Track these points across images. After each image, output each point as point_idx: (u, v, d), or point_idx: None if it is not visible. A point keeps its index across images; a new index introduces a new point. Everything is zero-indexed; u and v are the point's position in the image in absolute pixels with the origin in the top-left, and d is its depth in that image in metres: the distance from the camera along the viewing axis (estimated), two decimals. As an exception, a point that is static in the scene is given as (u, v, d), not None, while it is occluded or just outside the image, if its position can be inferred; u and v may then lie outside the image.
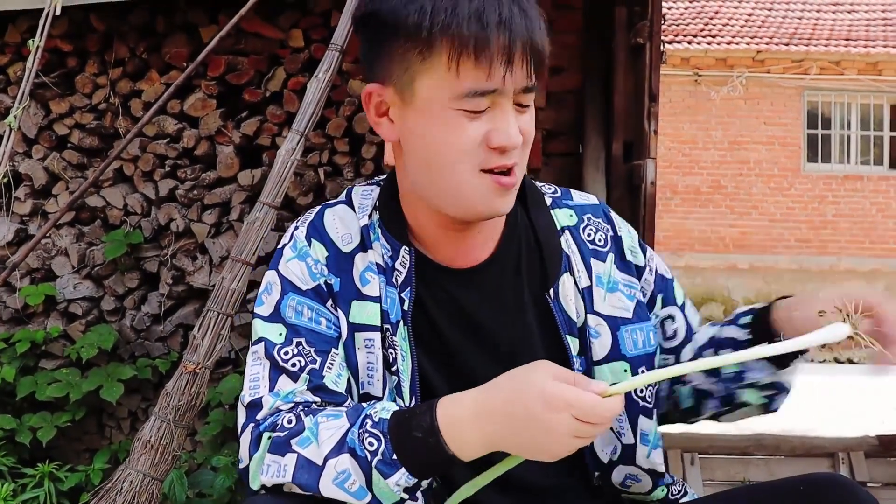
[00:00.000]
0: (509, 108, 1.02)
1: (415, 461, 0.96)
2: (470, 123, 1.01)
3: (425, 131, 1.04)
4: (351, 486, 0.97)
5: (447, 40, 0.98)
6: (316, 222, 1.16)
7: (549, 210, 1.21)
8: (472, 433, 0.96)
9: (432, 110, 1.02)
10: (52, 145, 3.12)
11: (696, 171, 10.92)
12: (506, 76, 0.99)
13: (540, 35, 1.02)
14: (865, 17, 11.13)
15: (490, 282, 1.15)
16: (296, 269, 1.13)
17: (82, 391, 2.77)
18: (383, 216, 1.15)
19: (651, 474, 1.20)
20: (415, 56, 1.01)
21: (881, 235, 10.77)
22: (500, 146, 1.02)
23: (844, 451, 3.51)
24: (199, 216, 3.01)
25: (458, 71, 0.99)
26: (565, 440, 0.92)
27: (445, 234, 1.13)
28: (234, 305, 2.15)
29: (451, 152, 1.03)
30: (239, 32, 2.93)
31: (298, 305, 1.11)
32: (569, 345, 1.15)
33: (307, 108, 2.20)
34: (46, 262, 3.10)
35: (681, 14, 11.24)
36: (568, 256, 1.18)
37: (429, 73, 1.01)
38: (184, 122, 3.03)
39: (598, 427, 0.93)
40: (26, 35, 3.04)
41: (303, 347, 1.09)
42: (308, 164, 2.92)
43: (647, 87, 3.33)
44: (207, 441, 2.76)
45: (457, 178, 1.04)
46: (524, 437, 0.94)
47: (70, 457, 3.01)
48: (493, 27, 0.97)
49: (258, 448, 1.02)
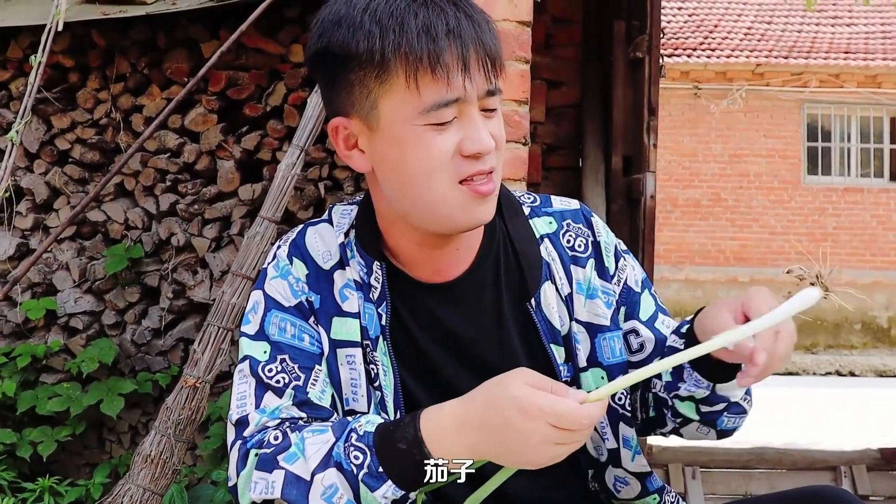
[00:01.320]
0: (476, 115, 1.02)
1: (401, 473, 0.97)
2: (439, 136, 1.01)
3: (397, 153, 1.04)
4: (339, 500, 0.98)
5: (401, 59, 0.99)
6: (297, 240, 1.17)
7: (527, 219, 1.20)
8: (455, 444, 0.96)
9: (399, 131, 1.02)
10: (54, 160, 3.14)
11: (696, 184, 10.94)
12: (465, 83, 1.00)
13: (490, 38, 1.03)
14: (864, 31, 11.17)
15: (468, 295, 1.15)
16: (279, 287, 1.14)
17: (83, 405, 2.77)
18: (359, 233, 1.15)
19: (638, 477, 1.21)
20: (373, 81, 1.01)
21: (881, 248, 10.78)
22: (473, 153, 1.02)
23: (846, 464, 3.50)
24: (199, 231, 3.01)
25: (417, 87, 0.99)
26: (544, 448, 0.92)
27: (423, 252, 1.13)
28: (235, 320, 2.16)
29: (425, 169, 1.02)
30: (239, 48, 2.94)
31: (282, 322, 1.12)
32: (553, 353, 1.15)
33: (307, 123, 2.21)
34: (47, 276, 3.11)
35: (680, 27, 11.29)
36: (548, 264, 1.17)
37: (389, 94, 1.01)
38: (185, 137, 3.04)
39: (576, 434, 0.93)
40: (28, 51, 3.06)
41: (287, 364, 1.10)
42: (308, 178, 2.93)
43: (646, 100, 3.34)
44: (208, 455, 2.76)
45: (435, 193, 1.03)
46: (504, 447, 0.94)
47: (70, 471, 3.00)
48: (442, 38, 0.98)
49: (245, 465, 1.03)
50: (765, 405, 7.33)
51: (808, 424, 5.91)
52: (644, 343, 1.21)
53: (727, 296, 10.89)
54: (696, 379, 1.11)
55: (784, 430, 5.62)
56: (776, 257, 10.81)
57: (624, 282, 1.21)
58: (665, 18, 10.82)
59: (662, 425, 1.22)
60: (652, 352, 1.21)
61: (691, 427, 1.18)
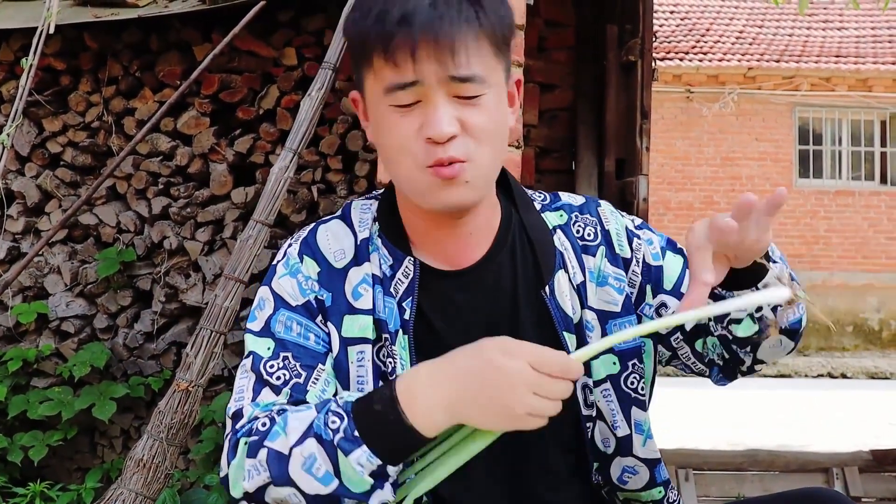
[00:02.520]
0: (439, 101, 1.04)
1: (376, 436, 0.96)
2: (402, 119, 1.06)
3: (376, 131, 1.12)
4: (318, 470, 0.98)
5: (369, 44, 1.06)
6: (309, 239, 1.18)
7: (539, 213, 1.22)
8: (430, 397, 0.96)
9: (376, 110, 1.10)
10: (45, 163, 3.12)
11: (689, 188, 10.97)
12: (415, 69, 1.03)
13: (449, 25, 1.03)
14: (855, 34, 11.22)
15: (485, 281, 1.16)
16: (287, 285, 1.15)
17: (74, 410, 2.76)
18: (383, 227, 1.17)
19: (648, 464, 1.21)
20: (360, 63, 1.10)
21: (873, 250, 10.83)
22: (428, 137, 1.04)
23: (839, 466, 3.51)
24: (192, 234, 3.00)
25: (374, 70, 1.06)
26: (523, 394, 0.92)
27: (439, 234, 1.15)
28: (228, 323, 2.15)
29: (393, 148, 1.08)
30: (232, 51, 2.94)
31: (288, 321, 1.13)
32: (565, 341, 1.15)
33: (300, 126, 2.21)
34: (39, 279, 3.09)
35: (672, 31, 11.32)
36: (562, 253, 1.19)
37: (366, 77, 1.09)
38: (177, 140, 3.04)
39: (557, 385, 0.93)
40: (20, 53, 3.05)
41: (289, 362, 1.10)
42: (301, 181, 2.93)
43: (638, 104, 3.35)
44: (200, 459, 2.75)
45: (404, 172, 1.09)
46: (482, 393, 0.94)
47: (62, 476, 2.99)
48: (393, 24, 1.02)
49: (235, 455, 1.04)
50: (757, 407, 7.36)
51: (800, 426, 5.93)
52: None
53: (719, 298, 10.99)
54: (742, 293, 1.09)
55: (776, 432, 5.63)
56: (768, 260, 10.83)
57: (643, 260, 1.21)
58: (657, 22, 10.86)
59: (740, 362, 1.19)
60: None
61: (766, 344, 1.15)
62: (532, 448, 1.17)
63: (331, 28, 2.82)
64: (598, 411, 1.19)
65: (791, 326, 1.13)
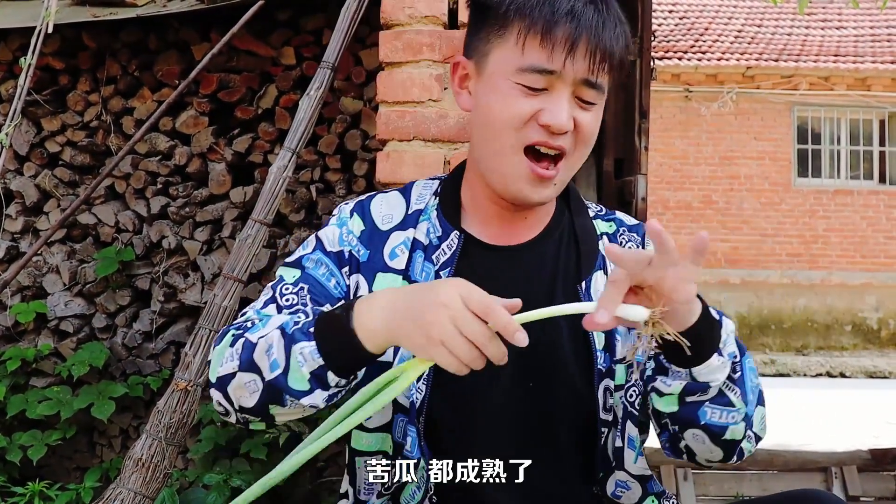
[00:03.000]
0: (565, 95, 1.10)
1: (324, 335, 1.00)
2: (524, 99, 1.10)
3: (486, 100, 1.14)
4: (270, 356, 1.02)
5: (519, 19, 1.09)
6: (364, 201, 1.27)
7: (591, 219, 1.28)
8: (377, 309, 1.00)
9: (496, 81, 1.12)
10: (44, 163, 3.12)
11: (688, 187, 10.96)
12: (566, 62, 1.08)
13: (609, 36, 1.10)
14: (854, 34, 11.22)
15: (527, 262, 1.22)
16: (330, 232, 1.24)
17: (73, 409, 2.76)
18: (442, 200, 1.25)
19: (640, 480, 1.22)
20: (493, 32, 1.13)
21: (871, 249, 10.83)
22: (546, 124, 1.09)
23: (837, 465, 3.51)
24: (190, 233, 3.00)
25: (523, 48, 1.09)
26: (443, 317, 0.92)
27: (497, 211, 1.21)
28: (226, 322, 2.15)
29: (501, 121, 1.11)
30: (231, 50, 2.94)
31: (319, 260, 1.21)
32: (593, 338, 1.18)
33: (299, 126, 2.21)
34: (37, 279, 3.09)
35: (671, 30, 11.32)
36: (603, 257, 1.24)
37: (501, 47, 1.12)
38: (176, 140, 3.04)
39: (475, 322, 0.92)
40: (18, 53, 3.05)
41: (303, 292, 1.17)
42: (300, 181, 2.93)
43: (637, 103, 3.35)
44: (199, 459, 2.75)
45: (498, 149, 1.13)
46: (412, 308, 0.96)
47: (61, 475, 2.99)
48: (562, 14, 1.07)
49: (220, 342, 1.10)
50: (756, 407, 7.35)
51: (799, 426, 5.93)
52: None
53: (719, 298, 10.91)
54: (675, 371, 1.08)
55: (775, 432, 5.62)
56: (767, 259, 10.84)
57: None
58: (656, 21, 10.86)
59: (677, 438, 1.18)
60: None
61: (688, 434, 1.14)
62: (545, 436, 1.19)
63: (329, 27, 2.81)
64: (614, 417, 1.20)
65: (713, 427, 1.11)
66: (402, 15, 2.09)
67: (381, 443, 1.20)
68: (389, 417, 1.19)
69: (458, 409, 1.17)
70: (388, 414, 1.19)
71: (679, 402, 1.10)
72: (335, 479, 2.76)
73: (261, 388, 1.03)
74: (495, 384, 1.17)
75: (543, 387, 1.18)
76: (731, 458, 1.16)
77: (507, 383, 1.17)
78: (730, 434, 1.12)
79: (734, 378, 1.09)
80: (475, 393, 1.17)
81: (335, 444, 1.03)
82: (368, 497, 1.21)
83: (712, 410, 1.10)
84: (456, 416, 1.17)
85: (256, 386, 1.03)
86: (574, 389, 1.18)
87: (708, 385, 1.07)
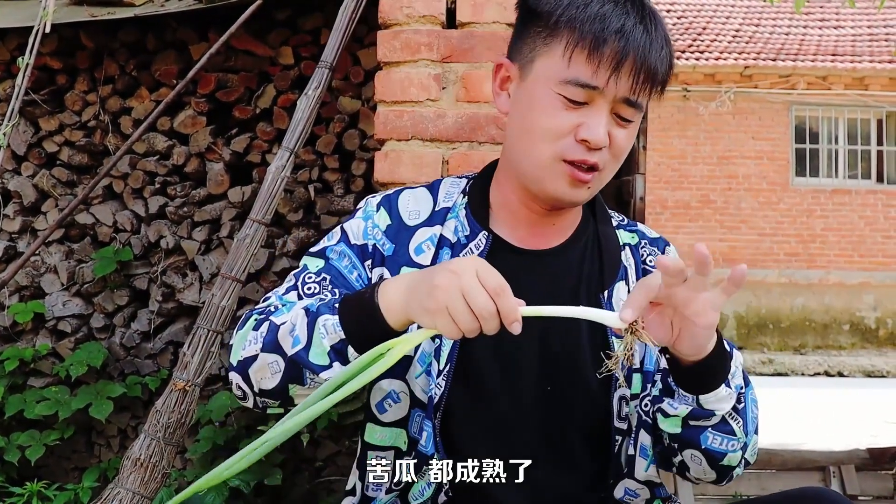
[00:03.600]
0: (605, 111, 1.11)
1: (348, 310, 1.02)
2: (564, 112, 1.11)
3: (527, 107, 1.15)
4: (293, 333, 1.04)
5: (569, 31, 1.10)
6: (392, 196, 1.28)
7: (615, 228, 1.29)
8: (401, 282, 1.02)
9: (538, 90, 1.13)
10: (42, 162, 3.12)
11: (686, 186, 10.97)
12: (610, 79, 1.08)
13: (656, 57, 1.11)
14: (851, 33, 11.23)
15: (551, 268, 1.22)
16: (355, 225, 1.24)
17: (71, 409, 2.75)
18: (471, 199, 1.24)
19: (649, 486, 1.23)
20: (540, 39, 1.13)
21: (869, 249, 10.83)
22: (584, 140, 1.10)
23: (835, 464, 3.51)
24: (189, 233, 3.00)
25: (570, 60, 1.09)
26: (453, 286, 0.93)
27: (527, 214, 1.22)
28: (224, 322, 2.15)
29: (540, 131, 1.13)
30: (229, 50, 2.94)
31: (343, 252, 1.22)
32: (613, 345, 1.19)
33: (297, 125, 2.21)
34: (35, 279, 3.09)
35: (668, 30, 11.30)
36: (626, 268, 1.25)
37: (547, 56, 1.12)
38: (174, 140, 3.03)
39: (483, 295, 0.93)
40: (16, 53, 3.04)
41: (325, 282, 1.18)
42: (298, 180, 2.92)
43: (635, 102, 3.35)
44: (197, 459, 2.75)
45: (538, 156, 1.13)
46: (426, 280, 0.97)
47: (59, 475, 2.98)
48: (612, 32, 1.08)
49: (244, 326, 1.11)
50: (754, 406, 7.34)
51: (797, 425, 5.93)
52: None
53: (716, 297, 10.99)
54: (681, 395, 1.11)
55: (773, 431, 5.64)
56: (765, 259, 10.84)
57: None
58: (654, 21, 10.84)
59: (672, 452, 1.20)
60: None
61: (687, 453, 1.17)
62: (560, 440, 1.20)
63: (327, 27, 2.81)
64: (629, 426, 1.21)
65: (713, 452, 1.14)
66: (399, 14, 2.09)
67: (395, 438, 1.21)
68: (406, 412, 1.20)
69: (476, 408, 1.18)
70: (406, 408, 1.19)
71: (682, 425, 1.13)
72: (333, 478, 2.76)
73: (283, 368, 1.04)
74: (515, 386, 1.18)
75: (561, 392, 1.19)
76: (723, 481, 1.20)
77: (527, 386, 1.18)
78: (727, 461, 1.16)
79: (738, 409, 1.13)
80: (494, 393, 1.18)
81: (333, 443, 1.04)
82: (377, 493, 1.22)
83: (714, 436, 1.14)
84: (473, 414, 1.18)
85: (279, 366, 1.05)
86: (591, 397, 1.19)
87: (713, 413, 1.10)
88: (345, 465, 2.77)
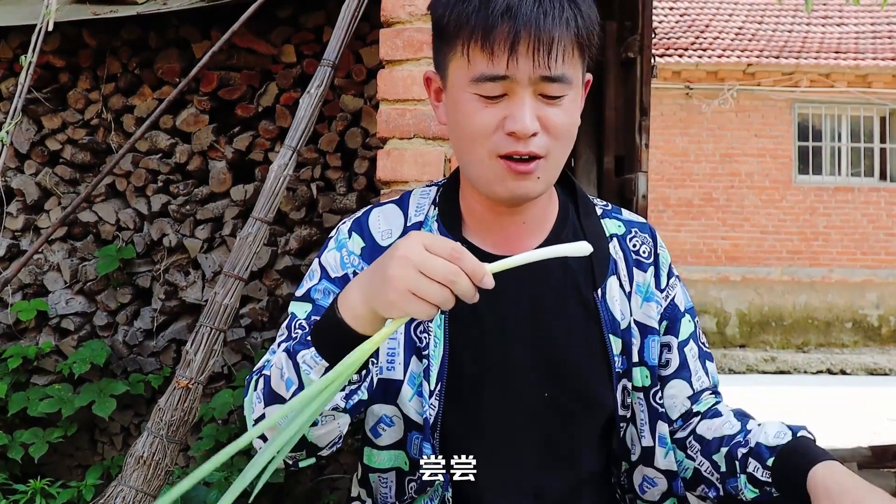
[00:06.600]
0: (524, 96, 1.05)
1: (320, 336, 0.99)
2: (485, 109, 1.07)
3: (454, 115, 1.12)
4: (284, 377, 1.02)
5: (461, 29, 1.06)
6: (361, 219, 1.25)
7: (599, 218, 1.26)
8: (355, 290, 0.98)
9: (457, 95, 1.10)
10: (45, 161, 3.12)
11: (688, 184, 10.96)
12: (509, 64, 1.03)
13: (552, 25, 1.03)
14: (854, 30, 11.21)
15: (535, 271, 1.15)
16: (331, 258, 1.21)
17: (74, 407, 2.76)
18: (441, 209, 1.22)
19: (667, 475, 1.22)
20: (446, 46, 1.10)
21: (872, 246, 10.82)
22: (511, 132, 1.06)
23: (838, 462, 3.50)
24: (191, 231, 3.01)
25: (468, 57, 1.06)
26: (408, 267, 0.89)
27: (494, 218, 1.19)
28: (227, 320, 2.15)
29: (469, 135, 1.09)
30: (231, 48, 2.94)
31: (326, 290, 1.19)
32: (610, 343, 1.18)
33: (299, 124, 2.21)
34: (38, 277, 3.09)
35: (671, 28, 11.30)
36: (615, 261, 1.22)
37: (453, 60, 1.09)
38: (176, 138, 3.04)
39: (441, 262, 0.89)
40: (18, 51, 3.05)
41: None
42: (300, 179, 2.93)
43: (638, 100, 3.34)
44: (200, 456, 2.75)
45: (475, 159, 1.10)
46: (379, 271, 0.94)
47: (62, 473, 2.99)
48: (497, 16, 1.02)
49: (247, 392, 1.10)
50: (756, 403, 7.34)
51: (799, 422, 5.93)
52: (671, 360, 1.24)
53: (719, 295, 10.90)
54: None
55: (776, 429, 5.62)
56: (768, 256, 10.83)
57: (671, 299, 1.26)
58: (657, 18, 10.85)
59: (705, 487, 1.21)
60: (674, 372, 1.24)
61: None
62: (563, 444, 1.19)
63: (329, 25, 2.81)
64: (632, 414, 1.21)
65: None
66: (402, 13, 2.09)
67: (394, 460, 1.19)
68: (401, 435, 1.18)
69: (474, 424, 1.17)
70: (401, 431, 1.18)
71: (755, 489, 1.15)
72: (336, 476, 2.77)
73: None
74: (511, 396, 1.17)
75: (560, 396, 1.18)
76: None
77: (523, 395, 1.17)
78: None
79: None
80: (491, 406, 1.17)
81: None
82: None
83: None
84: (472, 430, 1.17)
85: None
86: (591, 395, 1.19)
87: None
88: (347, 462, 2.78)
